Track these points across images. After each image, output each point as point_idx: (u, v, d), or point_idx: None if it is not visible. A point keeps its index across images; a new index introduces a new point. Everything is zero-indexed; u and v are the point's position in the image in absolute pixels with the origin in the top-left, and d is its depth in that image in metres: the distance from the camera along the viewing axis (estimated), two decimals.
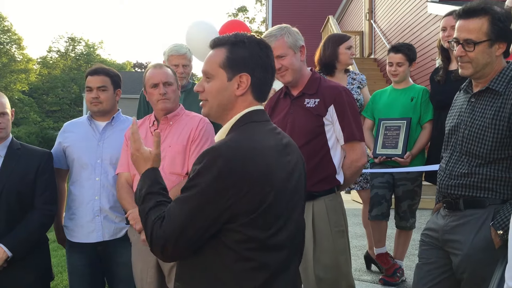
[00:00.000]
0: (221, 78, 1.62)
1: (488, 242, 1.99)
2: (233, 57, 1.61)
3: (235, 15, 32.28)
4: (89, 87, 2.96)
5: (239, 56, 1.61)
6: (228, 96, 1.62)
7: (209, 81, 1.64)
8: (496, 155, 2.04)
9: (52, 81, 38.87)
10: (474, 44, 2.04)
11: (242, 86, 1.61)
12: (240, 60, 1.61)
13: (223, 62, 1.61)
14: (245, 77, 1.61)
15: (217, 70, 1.62)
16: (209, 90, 1.63)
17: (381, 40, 12.43)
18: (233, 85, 1.61)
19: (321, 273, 2.42)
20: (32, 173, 2.73)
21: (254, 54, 1.63)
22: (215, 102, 1.64)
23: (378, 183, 3.65)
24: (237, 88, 1.61)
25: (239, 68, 1.61)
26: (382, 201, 3.60)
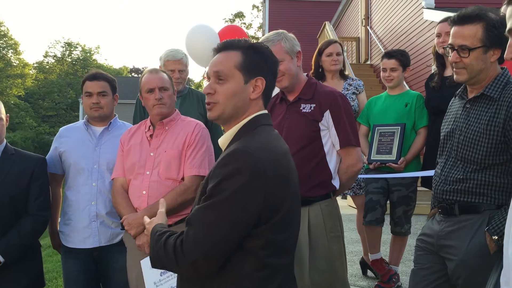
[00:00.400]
0: (238, 80, 1.58)
1: (483, 247, 1.99)
2: (250, 60, 1.59)
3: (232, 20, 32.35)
4: (89, 92, 2.95)
5: (255, 59, 1.60)
6: (243, 99, 1.59)
7: (223, 82, 1.58)
8: (491, 161, 2.05)
9: (48, 86, 38.80)
10: (469, 50, 2.05)
11: (257, 90, 1.60)
12: (256, 64, 1.60)
13: (240, 64, 1.58)
14: (261, 81, 1.60)
15: (233, 71, 1.58)
16: (223, 92, 1.57)
17: (377, 46, 12.49)
18: (249, 88, 1.59)
19: (317, 278, 2.42)
20: (26, 179, 2.72)
21: (268, 60, 1.63)
22: (229, 105, 1.58)
23: (372, 188, 3.66)
24: (253, 91, 1.59)
25: (256, 71, 1.59)
26: (376, 206, 3.61)
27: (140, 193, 2.64)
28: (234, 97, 1.58)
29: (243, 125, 1.60)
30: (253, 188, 1.42)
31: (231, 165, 1.44)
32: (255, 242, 1.46)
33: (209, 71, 1.62)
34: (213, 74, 1.60)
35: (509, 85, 2.06)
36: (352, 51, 15.20)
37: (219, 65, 1.60)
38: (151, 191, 2.61)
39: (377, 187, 3.64)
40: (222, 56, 1.61)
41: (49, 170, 2.92)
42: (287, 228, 1.54)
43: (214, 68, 1.60)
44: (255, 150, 1.47)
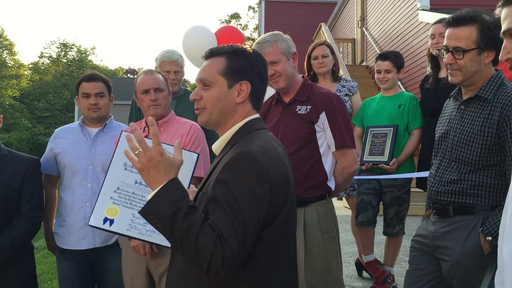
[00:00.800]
0: (221, 85, 1.61)
1: (477, 248, 2.00)
2: (233, 65, 1.62)
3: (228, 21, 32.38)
4: (86, 94, 2.94)
5: (239, 64, 1.63)
6: (228, 104, 1.62)
7: (208, 88, 1.62)
8: (485, 162, 2.06)
9: (43, 87, 38.64)
10: (463, 52, 2.06)
11: (242, 94, 1.62)
12: (240, 68, 1.62)
13: (224, 69, 1.62)
14: (245, 85, 1.63)
15: (216, 78, 1.62)
16: (208, 98, 1.61)
17: (372, 47, 12.52)
18: (233, 92, 1.62)
19: (312, 279, 2.42)
20: (19, 180, 2.71)
21: (253, 64, 1.65)
22: (215, 110, 1.62)
23: (364, 189, 3.67)
24: (237, 95, 1.62)
25: (240, 76, 1.62)
26: (368, 207, 3.61)
27: None
28: (218, 101, 1.61)
29: (237, 131, 1.62)
30: (260, 193, 1.44)
31: (238, 169, 1.44)
32: (261, 245, 1.47)
33: (196, 79, 1.67)
34: (199, 81, 1.65)
35: (503, 86, 2.08)
36: (348, 53, 15.23)
37: (202, 72, 1.65)
38: None
39: (369, 188, 3.65)
40: (208, 63, 1.66)
41: (44, 171, 2.91)
42: (291, 230, 1.57)
43: (199, 76, 1.65)
44: (258, 152, 1.48)
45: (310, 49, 3.98)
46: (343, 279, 2.65)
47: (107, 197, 1.66)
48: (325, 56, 3.92)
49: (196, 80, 1.67)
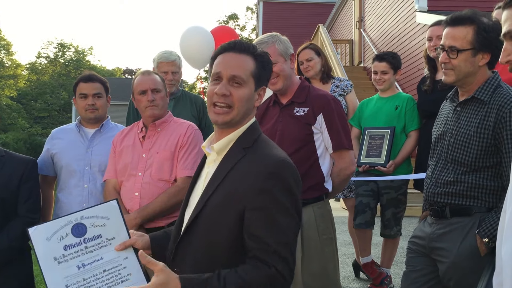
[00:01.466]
0: (251, 87, 1.60)
1: (474, 249, 2.00)
2: (260, 70, 1.62)
3: (226, 22, 32.37)
4: (84, 94, 2.94)
5: (263, 69, 1.64)
6: (251, 106, 1.62)
7: (239, 87, 1.57)
8: (481, 163, 2.06)
9: (41, 87, 38.53)
10: (457, 52, 2.07)
11: (260, 98, 1.65)
12: (264, 74, 1.64)
13: (254, 72, 1.60)
14: (263, 91, 1.66)
15: (249, 78, 1.59)
16: (239, 97, 1.57)
17: (370, 48, 12.54)
18: (256, 96, 1.63)
19: (309, 281, 2.42)
20: (16, 181, 2.70)
21: (269, 71, 1.68)
22: (242, 110, 1.58)
23: (362, 191, 3.67)
24: (257, 99, 1.64)
25: (262, 81, 1.64)
26: (366, 209, 3.62)
27: (132, 195, 2.63)
28: (247, 103, 1.59)
29: (243, 133, 1.61)
30: (297, 198, 1.51)
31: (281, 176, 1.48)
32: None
33: (225, 72, 1.58)
34: (230, 76, 1.57)
35: (499, 88, 2.08)
36: (346, 54, 15.25)
37: (237, 69, 1.58)
38: (143, 193, 2.61)
39: (367, 190, 3.65)
40: (238, 59, 1.60)
41: (41, 172, 2.91)
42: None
43: (231, 71, 1.57)
44: (287, 162, 1.52)
45: (296, 54, 3.98)
46: (340, 280, 2.66)
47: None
48: (310, 59, 3.92)
49: (224, 73, 1.58)
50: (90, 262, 1.63)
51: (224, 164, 1.58)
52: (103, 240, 1.67)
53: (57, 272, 1.59)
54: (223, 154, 1.61)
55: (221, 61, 1.60)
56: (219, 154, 1.62)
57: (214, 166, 1.63)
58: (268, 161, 1.49)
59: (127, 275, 1.67)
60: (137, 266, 1.67)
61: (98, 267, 1.63)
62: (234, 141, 1.60)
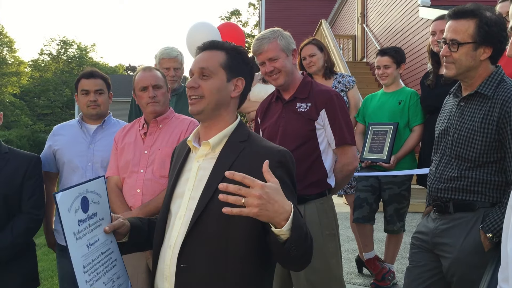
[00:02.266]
0: (221, 77, 1.67)
1: (478, 245, 2.00)
2: (232, 61, 1.69)
3: (228, 18, 32.28)
4: (86, 90, 2.94)
5: (237, 61, 1.70)
6: (225, 96, 1.67)
7: (207, 78, 1.66)
8: (485, 159, 2.05)
9: (43, 84, 38.62)
10: (458, 45, 2.06)
11: (237, 89, 1.70)
12: (238, 65, 1.70)
13: (225, 63, 1.68)
14: (241, 82, 1.70)
15: (218, 69, 1.67)
16: (207, 87, 1.65)
17: (373, 44, 12.50)
18: (230, 86, 1.68)
19: (312, 277, 2.42)
20: (20, 177, 2.70)
21: (248, 63, 1.73)
22: (213, 100, 1.65)
23: (361, 186, 3.67)
24: (233, 90, 1.69)
25: (237, 72, 1.70)
26: (363, 204, 3.61)
27: (134, 192, 2.63)
28: (218, 92, 1.66)
29: (236, 128, 1.68)
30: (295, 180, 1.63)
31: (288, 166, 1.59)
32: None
33: (194, 68, 1.69)
34: (198, 70, 1.68)
35: (503, 83, 2.07)
36: (348, 49, 15.21)
37: (203, 62, 1.68)
38: (145, 189, 2.60)
39: (366, 185, 3.65)
40: (208, 54, 1.70)
41: (43, 168, 2.90)
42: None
43: (199, 65, 1.68)
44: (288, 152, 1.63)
45: (299, 50, 3.97)
46: (343, 276, 2.65)
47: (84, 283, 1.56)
48: (312, 55, 3.91)
49: (194, 69, 1.69)
50: (93, 242, 1.64)
51: (225, 158, 1.63)
52: (98, 219, 1.69)
53: (77, 249, 1.60)
54: (218, 148, 1.66)
55: (193, 61, 1.73)
56: (214, 149, 1.66)
57: (209, 160, 1.66)
58: (276, 152, 1.59)
59: (114, 261, 1.70)
60: (118, 251, 1.73)
61: (98, 248, 1.65)
62: (228, 136, 1.67)
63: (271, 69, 2.53)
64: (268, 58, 2.52)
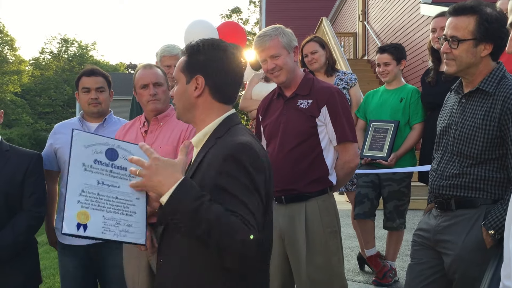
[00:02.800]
0: (182, 81, 1.71)
1: (480, 242, 2.00)
2: (190, 61, 1.70)
3: (229, 16, 32.26)
4: (87, 88, 2.94)
5: (195, 60, 1.70)
6: (188, 98, 1.69)
7: (176, 85, 1.73)
8: (487, 155, 2.05)
9: (44, 83, 38.60)
10: (458, 42, 2.05)
11: (199, 88, 1.68)
12: (195, 64, 1.69)
13: (183, 66, 1.71)
14: (200, 79, 1.68)
15: (179, 74, 1.72)
16: (175, 94, 1.73)
17: (374, 41, 12.48)
18: (191, 87, 1.69)
19: (314, 274, 2.42)
20: (21, 175, 2.70)
21: (209, 58, 1.70)
22: (179, 105, 1.72)
23: (362, 182, 3.67)
24: (195, 89, 1.68)
25: (195, 71, 1.69)
26: (364, 200, 3.61)
27: None
28: (181, 97, 1.70)
29: (218, 125, 1.67)
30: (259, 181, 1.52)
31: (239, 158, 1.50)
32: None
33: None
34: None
35: (504, 79, 2.06)
36: (349, 47, 15.18)
37: (174, 71, 1.75)
38: None
39: (367, 181, 3.65)
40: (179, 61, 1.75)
41: (44, 167, 2.91)
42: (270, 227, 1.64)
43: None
44: (253, 143, 1.56)
45: (301, 47, 3.96)
46: (345, 273, 2.65)
47: (74, 201, 1.59)
48: (314, 52, 3.89)
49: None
50: (109, 185, 1.69)
51: (198, 156, 1.67)
52: (126, 173, 1.73)
53: (79, 176, 1.64)
54: (199, 146, 1.70)
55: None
56: (196, 147, 1.71)
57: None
58: (227, 146, 1.55)
59: (132, 212, 1.71)
60: (143, 210, 1.72)
61: (113, 191, 1.68)
62: (210, 133, 1.68)
63: (273, 66, 2.52)
64: (270, 55, 2.52)
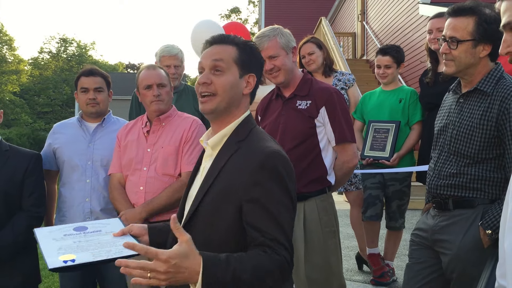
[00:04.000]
0: (234, 73, 1.60)
1: (477, 241, 2.01)
2: (244, 57, 1.62)
3: (228, 16, 32.27)
4: (85, 88, 2.94)
5: (249, 57, 1.63)
6: (238, 93, 1.60)
7: (221, 74, 1.58)
8: (484, 155, 2.06)
9: (43, 82, 38.53)
10: (457, 42, 2.06)
11: (249, 86, 1.63)
12: (250, 61, 1.63)
13: (237, 58, 1.60)
14: (253, 78, 1.63)
15: (231, 64, 1.59)
16: (221, 84, 1.57)
17: (373, 41, 12.50)
18: (242, 83, 1.61)
19: (312, 273, 2.43)
20: (20, 175, 2.70)
21: (259, 60, 1.68)
22: (226, 97, 1.57)
23: (370, 184, 3.67)
24: (245, 87, 1.62)
25: (249, 68, 1.63)
26: (376, 201, 3.62)
27: (137, 189, 2.64)
28: (231, 89, 1.58)
29: (237, 126, 1.60)
30: (291, 189, 1.50)
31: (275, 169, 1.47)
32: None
33: (205, 62, 1.60)
34: (211, 64, 1.59)
35: (502, 80, 2.07)
36: (348, 47, 15.19)
37: (217, 55, 1.59)
38: (148, 187, 2.61)
39: (375, 182, 3.65)
40: (219, 49, 1.61)
41: (43, 166, 2.91)
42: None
43: (212, 57, 1.59)
44: (279, 154, 1.51)
45: (298, 48, 3.96)
46: (343, 273, 2.66)
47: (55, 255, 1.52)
48: (311, 53, 3.91)
49: (205, 63, 1.60)
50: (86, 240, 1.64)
51: (219, 159, 1.57)
52: (102, 232, 1.70)
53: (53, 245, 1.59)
54: (217, 149, 1.61)
55: (203, 55, 1.64)
56: (214, 149, 1.62)
57: (210, 161, 1.62)
58: (260, 153, 1.48)
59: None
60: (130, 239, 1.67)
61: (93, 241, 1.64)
62: (228, 135, 1.60)
63: (271, 67, 2.53)
64: (268, 56, 2.53)
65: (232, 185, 1.48)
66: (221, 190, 1.50)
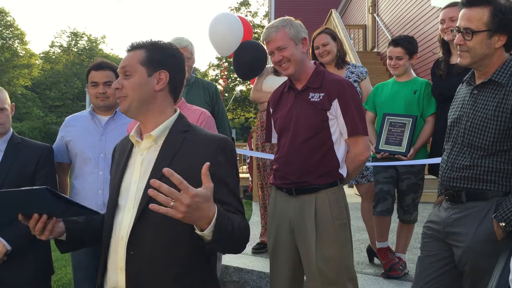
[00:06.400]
0: (141, 73, 1.74)
1: (490, 234, 1.99)
2: (152, 56, 1.77)
3: (238, 9, 32.15)
4: (95, 82, 2.95)
5: (158, 55, 1.78)
6: (148, 91, 1.75)
7: (129, 77, 1.75)
8: (498, 147, 2.03)
9: (55, 76, 38.77)
10: (472, 33, 2.03)
11: (161, 82, 1.76)
12: (160, 59, 1.77)
13: (143, 59, 1.75)
14: (164, 74, 1.77)
15: (136, 67, 1.75)
16: (129, 86, 1.74)
17: (384, 33, 12.40)
18: (152, 80, 1.75)
19: (323, 266, 2.43)
20: (32, 167, 2.73)
21: (171, 56, 1.80)
22: (135, 97, 1.73)
23: (382, 178, 3.63)
24: (157, 83, 1.76)
25: (158, 65, 1.77)
26: (387, 196, 3.59)
27: None
28: (139, 89, 1.74)
29: (176, 120, 1.79)
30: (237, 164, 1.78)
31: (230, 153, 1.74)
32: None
33: (118, 70, 1.79)
34: (120, 71, 1.77)
35: None
36: (359, 39, 15.10)
37: (123, 62, 1.77)
38: None
39: (387, 176, 3.61)
40: (128, 55, 1.79)
41: (56, 159, 2.93)
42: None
43: (121, 65, 1.78)
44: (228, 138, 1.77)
45: (312, 39, 3.93)
46: (354, 266, 2.65)
47: None
48: (325, 44, 3.88)
49: (118, 70, 1.79)
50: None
51: (168, 148, 1.72)
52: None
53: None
54: (160, 140, 1.75)
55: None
56: (157, 141, 1.75)
57: (152, 152, 1.74)
58: (216, 138, 1.73)
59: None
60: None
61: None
62: (170, 127, 1.76)
63: (280, 58, 2.51)
64: (277, 47, 2.51)
65: (192, 168, 1.62)
66: (180, 173, 1.51)
